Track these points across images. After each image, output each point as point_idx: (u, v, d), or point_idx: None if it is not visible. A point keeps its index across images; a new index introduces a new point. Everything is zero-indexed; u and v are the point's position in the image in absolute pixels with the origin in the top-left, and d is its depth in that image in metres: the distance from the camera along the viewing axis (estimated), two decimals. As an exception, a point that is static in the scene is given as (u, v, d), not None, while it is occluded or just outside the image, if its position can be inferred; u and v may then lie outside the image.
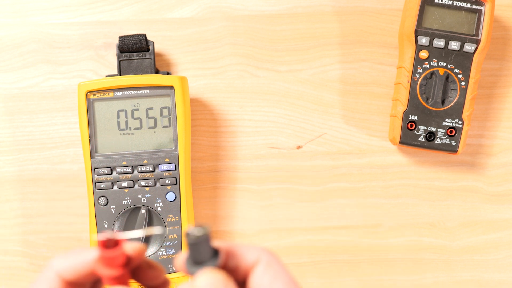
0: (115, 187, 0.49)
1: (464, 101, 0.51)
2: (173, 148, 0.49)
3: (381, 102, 0.55)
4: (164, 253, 0.48)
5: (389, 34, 0.55)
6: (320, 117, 0.54)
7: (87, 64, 0.54)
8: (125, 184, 0.49)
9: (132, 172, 0.49)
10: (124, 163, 0.49)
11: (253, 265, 0.27)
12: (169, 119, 0.49)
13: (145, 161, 0.49)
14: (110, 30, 0.54)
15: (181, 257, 0.27)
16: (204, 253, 0.27)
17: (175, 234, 0.49)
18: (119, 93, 0.49)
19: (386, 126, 0.55)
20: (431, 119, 0.51)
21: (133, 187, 0.49)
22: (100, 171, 0.48)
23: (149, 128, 0.49)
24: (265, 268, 0.27)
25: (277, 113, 0.54)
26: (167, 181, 0.49)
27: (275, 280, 0.27)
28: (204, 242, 0.27)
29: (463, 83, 0.51)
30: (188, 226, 0.27)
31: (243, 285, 0.28)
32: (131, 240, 0.28)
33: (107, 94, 0.49)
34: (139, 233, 0.28)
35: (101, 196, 0.49)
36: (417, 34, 0.50)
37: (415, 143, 0.51)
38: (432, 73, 0.51)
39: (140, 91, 0.49)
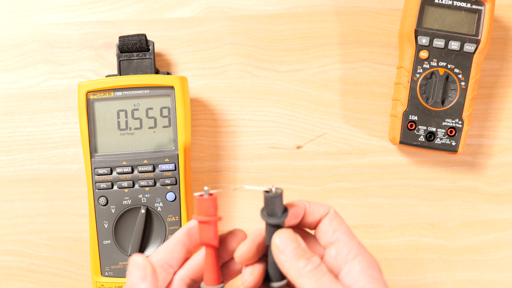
0: (115, 187, 0.49)
1: (464, 101, 0.51)
2: (173, 148, 0.49)
3: (381, 102, 0.55)
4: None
5: (389, 34, 0.55)
6: (320, 117, 0.54)
7: (87, 64, 0.54)
8: (125, 184, 0.48)
9: (132, 172, 0.49)
10: (124, 163, 0.49)
11: (323, 216, 0.36)
12: (169, 119, 0.49)
13: (145, 161, 0.49)
14: (110, 30, 0.54)
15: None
16: (277, 208, 0.34)
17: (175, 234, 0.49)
18: (119, 93, 0.49)
19: (386, 126, 0.55)
20: (431, 119, 0.51)
21: (133, 187, 0.49)
22: (100, 171, 0.48)
23: (149, 128, 0.49)
24: (331, 219, 0.36)
25: (277, 113, 0.54)
26: (167, 181, 0.49)
27: (339, 227, 0.36)
28: (278, 199, 0.34)
29: (463, 83, 0.51)
30: (269, 185, 0.36)
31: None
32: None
33: (107, 94, 0.49)
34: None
35: (101, 196, 0.49)
36: (417, 34, 0.50)
37: (415, 143, 0.51)
38: (432, 73, 0.51)
39: (140, 91, 0.49)
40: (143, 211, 0.48)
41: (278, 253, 0.34)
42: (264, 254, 0.36)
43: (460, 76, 0.51)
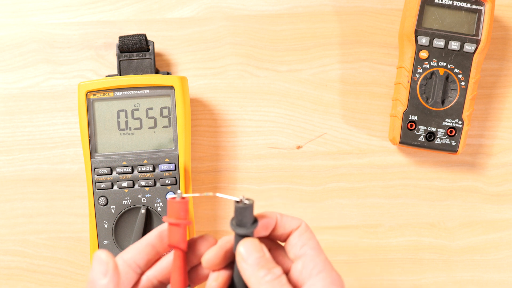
0: (115, 187, 0.49)
1: (464, 101, 0.51)
2: (173, 148, 0.49)
3: (381, 102, 0.55)
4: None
5: (389, 34, 0.55)
6: (320, 117, 0.55)
7: (87, 64, 0.54)
8: (125, 184, 0.48)
9: (132, 172, 0.49)
10: (124, 163, 0.49)
11: (293, 230, 0.36)
12: (169, 119, 0.49)
13: (145, 161, 0.49)
14: (110, 30, 0.54)
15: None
16: (246, 218, 0.34)
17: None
18: (119, 93, 0.49)
19: (386, 126, 0.55)
20: (431, 119, 0.51)
21: (133, 187, 0.49)
22: (100, 171, 0.48)
23: (149, 128, 0.49)
24: (301, 233, 0.36)
25: (277, 113, 0.54)
26: (167, 181, 0.49)
27: (308, 241, 0.36)
28: (248, 210, 0.34)
29: (463, 83, 0.51)
30: (240, 196, 0.35)
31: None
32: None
33: (107, 94, 0.49)
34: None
35: (101, 196, 0.49)
36: (417, 34, 0.50)
37: (415, 143, 0.51)
38: (432, 73, 0.51)
39: (140, 91, 0.49)
40: (143, 211, 0.48)
41: (241, 261, 0.34)
42: (231, 262, 0.36)
43: (460, 76, 0.51)
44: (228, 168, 0.54)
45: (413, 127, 0.51)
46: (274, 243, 0.38)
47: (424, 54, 0.50)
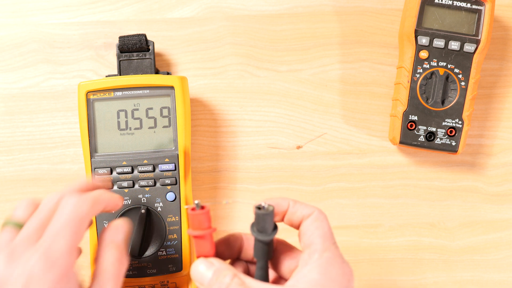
0: (115, 187, 0.49)
1: (464, 101, 0.51)
2: (173, 148, 0.49)
3: (381, 102, 0.55)
4: (164, 253, 0.48)
5: (389, 34, 0.55)
6: (320, 117, 0.55)
7: (87, 64, 0.54)
8: (125, 184, 0.48)
9: (132, 172, 0.49)
10: (124, 163, 0.49)
11: (305, 217, 0.36)
12: (169, 119, 0.49)
13: (145, 161, 0.49)
14: (110, 30, 0.54)
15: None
16: (268, 225, 0.35)
17: (175, 234, 0.49)
18: (119, 93, 0.49)
19: (386, 126, 0.55)
20: (431, 119, 0.51)
21: (133, 187, 0.49)
22: (100, 171, 0.48)
23: (149, 128, 0.49)
24: (313, 219, 0.35)
25: (277, 113, 0.54)
26: (167, 181, 0.49)
27: (318, 229, 0.35)
28: (270, 216, 0.34)
29: (463, 83, 0.51)
30: (261, 201, 0.36)
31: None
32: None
33: (107, 94, 0.49)
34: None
35: (101, 196, 0.49)
36: (417, 34, 0.50)
37: (415, 143, 0.51)
38: (432, 73, 0.51)
39: (140, 91, 0.49)
40: (143, 211, 0.48)
41: (200, 286, 0.35)
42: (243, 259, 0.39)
43: (460, 76, 0.51)
44: (228, 168, 0.54)
45: (413, 127, 0.51)
46: (281, 243, 0.38)
47: (424, 54, 0.50)
